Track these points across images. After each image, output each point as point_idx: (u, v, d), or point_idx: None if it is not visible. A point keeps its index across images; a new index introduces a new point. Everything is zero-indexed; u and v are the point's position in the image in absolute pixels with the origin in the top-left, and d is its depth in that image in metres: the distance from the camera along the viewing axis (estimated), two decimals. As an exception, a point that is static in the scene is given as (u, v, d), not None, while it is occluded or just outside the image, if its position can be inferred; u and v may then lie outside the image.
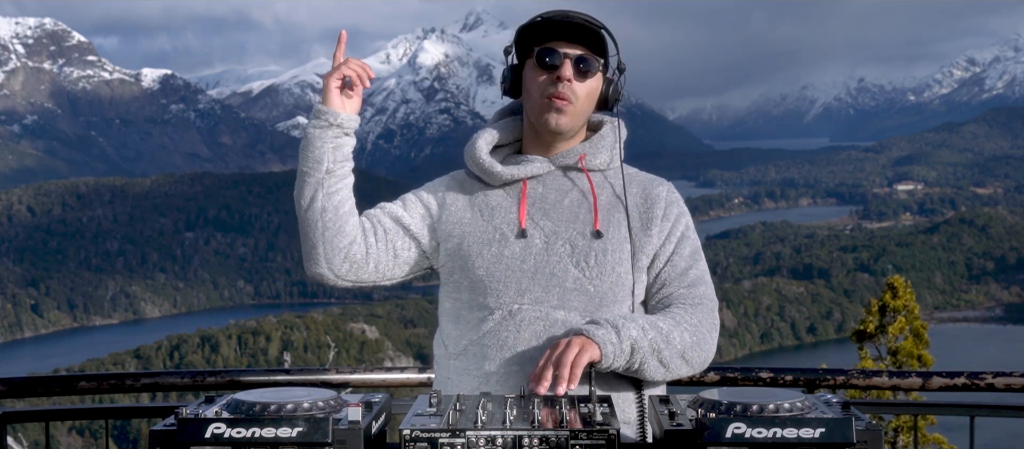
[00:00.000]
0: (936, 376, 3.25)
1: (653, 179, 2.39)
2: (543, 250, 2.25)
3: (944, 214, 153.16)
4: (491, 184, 2.35)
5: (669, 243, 2.30)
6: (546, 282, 2.22)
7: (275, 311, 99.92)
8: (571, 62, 2.25)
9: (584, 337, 2.09)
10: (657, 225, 2.30)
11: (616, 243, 2.26)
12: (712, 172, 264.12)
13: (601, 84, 2.32)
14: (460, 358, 2.27)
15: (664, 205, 2.32)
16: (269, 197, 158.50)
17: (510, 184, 2.34)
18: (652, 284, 2.31)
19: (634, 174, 2.39)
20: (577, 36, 2.26)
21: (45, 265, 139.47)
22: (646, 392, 2.25)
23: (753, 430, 1.63)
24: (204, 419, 1.66)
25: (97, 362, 70.61)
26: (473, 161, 2.34)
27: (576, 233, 2.26)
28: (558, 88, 2.25)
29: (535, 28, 2.29)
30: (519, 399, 1.92)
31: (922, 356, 15.60)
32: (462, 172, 2.43)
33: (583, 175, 2.35)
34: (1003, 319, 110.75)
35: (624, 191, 2.32)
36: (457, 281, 2.31)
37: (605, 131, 2.38)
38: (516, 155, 2.39)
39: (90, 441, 50.73)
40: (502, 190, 2.34)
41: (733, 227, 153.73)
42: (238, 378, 3.35)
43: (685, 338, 2.22)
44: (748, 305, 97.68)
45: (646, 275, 2.31)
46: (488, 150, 2.34)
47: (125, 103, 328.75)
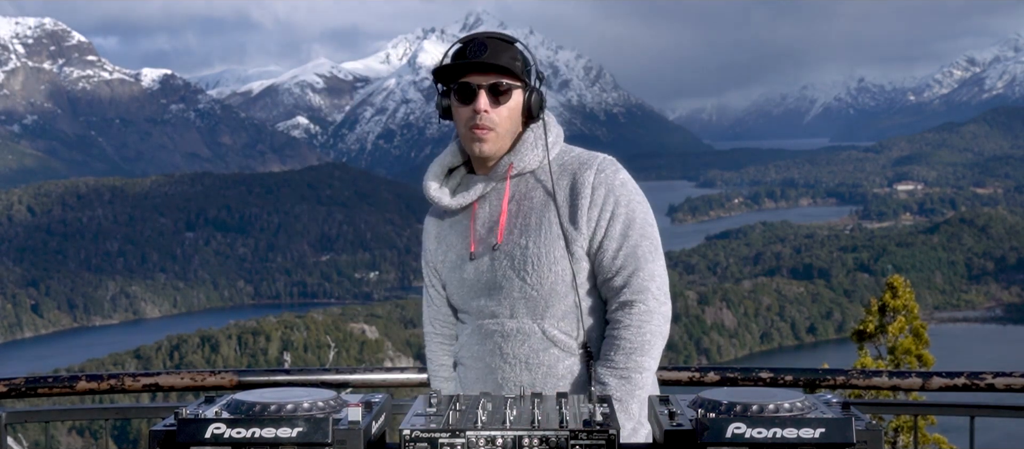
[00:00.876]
0: (936, 376, 3.25)
1: (585, 162, 2.44)
2: (490, 267, 2.42)
3: (944, 214, 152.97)
4: (449, 211, 2.53)
5: (599, 228, 2.38)
6: (497, 296, 2.41)
7: (275, 311, 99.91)
8: (486, 91, 2.37)
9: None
10: (584, 214, 2.37)
11: (549, 242, 2.38)
12: (712, 172, 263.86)
13: (522, 99, 2.41)
14: (456, 369, 2.58)
15: (589, 190, 2.38)
16: (269, 197, 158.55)
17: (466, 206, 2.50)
18: (595, 271, 2.41)
19: (568, 163, 2.46)
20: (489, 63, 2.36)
21: (45, 265, 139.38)
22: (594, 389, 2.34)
23: (753, 430, 1.63)
24: (204, 419, 1.67)
25: (97, 362, 70.57)
26: (430, 195, 2.52)
27: (512, 242, 2.40)
28: (477, 120, 2.37)
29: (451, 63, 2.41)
30: (519, 399, 1.95)
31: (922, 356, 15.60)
32: (431, 212, 2.63)
33: (518, 186, 2.46)
34: (1003, 319, 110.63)
35: (554, 188, 2.40)
36: (448, 298, 2.58)
37: (526, 136, 2.44)
38: (468, 174, 2.53)
39: (90, 441, 50.69)
40: (460, 214, 2.52)
41: (733, 227, 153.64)
42: (238, 378, 3.35)
43: (643, 378, 2.36)
44: (748, 305, 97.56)
45: (588, 262, 2.41)
46: (439, 182, 2.53)
47: (125, 103, 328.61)
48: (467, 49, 2.39)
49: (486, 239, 2.44)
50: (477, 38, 2.39)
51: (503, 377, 2.40)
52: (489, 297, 2.42)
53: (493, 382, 2.40)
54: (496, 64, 2.35)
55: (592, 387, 2.21)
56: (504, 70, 2.37)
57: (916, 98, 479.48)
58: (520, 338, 2.39)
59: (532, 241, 2.38)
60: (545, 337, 2.38)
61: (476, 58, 2.36)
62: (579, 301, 2.39)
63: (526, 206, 2.43)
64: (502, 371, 2.41)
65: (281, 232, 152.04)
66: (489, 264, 2.42)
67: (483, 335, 2.44)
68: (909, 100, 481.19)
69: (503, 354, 2.41)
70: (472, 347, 2.46)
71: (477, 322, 2.45)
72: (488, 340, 2.43)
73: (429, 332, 2.66)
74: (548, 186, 2.43)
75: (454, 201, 2.48)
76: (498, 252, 2.41)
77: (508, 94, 2.38)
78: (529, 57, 2.42)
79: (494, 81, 2.36)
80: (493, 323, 2.42)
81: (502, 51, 2.37)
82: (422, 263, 2.65)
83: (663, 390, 2.54)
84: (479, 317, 2.45)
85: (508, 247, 2.40)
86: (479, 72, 2.37)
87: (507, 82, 2.37)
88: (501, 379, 2.41)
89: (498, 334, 2.41)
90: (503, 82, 2.37)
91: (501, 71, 2.37)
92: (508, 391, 2.36)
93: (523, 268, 2.37)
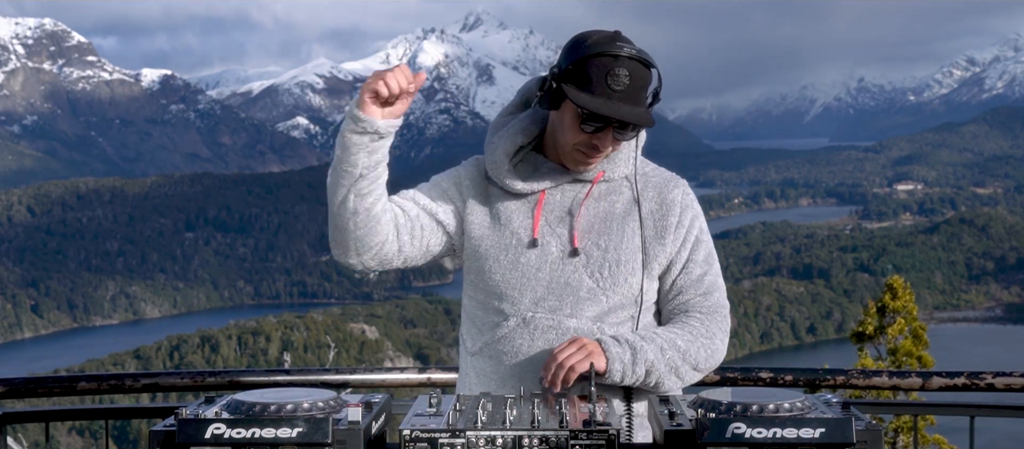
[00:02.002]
0: (936, 376, 3.25)
1: (669, 180, 2.36)
2: (558, 259, 2.26)
3: (944, 214, 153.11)
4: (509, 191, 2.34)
5: (684, 250, 2.31)
6: (561, 291, 2.25)
7: (275, 311, 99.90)
8: (614, 131, 2.20)
9: (597, 345, 2.16)
10: (672, 233, 2.29)
11: (630, 253, 2.26)
12: (712, 172, 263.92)
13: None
14: (477, 358, 2.34)
15: (679, 210, 2.31)
16: (269, 197, 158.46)
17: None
18: (668, 291, 2.33)
19: (650, 175, 2.37)
20: None
21: (45, 265, 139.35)
22: (635, 403, 2.27)
23: (753, 430, 1.63)
24: (204, 419, 1.66)
25: (97, 362, 70.62)
26: (494, 171, 2.33)
27: (590, 243, 2.27)
28: (594, 154, 2.24)
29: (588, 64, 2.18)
30: (519, 399, 1.94)
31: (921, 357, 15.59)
32: (477, 166, 2.41)
33: (599, 186, 2.34)
34: (1003, 319, 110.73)
35: (638, 199, 2.31)
36: (474, 281, 2.35)
37: (624, 144, 2.31)
38: (534, 153, 2.36)
39: (90, 441, 50.73)
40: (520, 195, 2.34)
41: (733, 227, 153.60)
42: (238, 378, 3.35)
43: (700, 352, 2.26)
44: (748, 305, 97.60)
45: (659, 282, 2.33)
46: (509, 159, 2.32)
47: (125, 103, 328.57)
48: (616, 81, 2.14)
49: (555, 229, 2.29)
50: (619, 68, 2.14)
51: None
52: (548, 291, 2.26)
53: (536, 380, 2.22)
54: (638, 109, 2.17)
55: (593, 386, 2.03)
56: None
57: (916, 98, 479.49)
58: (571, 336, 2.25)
59: (613, 245, 2.27)
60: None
61: (627, 100, 2.15)
62: (638, 315, 2.30)
63: (605, 209, 2.31)
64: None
65: (281, 232, 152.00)
66: (557, 257, 2.27)
67: (535, 329, 2.25)
68: (909, 100, 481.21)
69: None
70: (516, 341, 2.26)
71: (525, 314, 2.26)
72: (540, 336, 2.25)
73: (403, 202, 2.36)
74: (633, 195, 2.32)
75: (524, 185, 2.31)
76: (572, 248, 2.26)
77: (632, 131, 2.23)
78: (658, 84, 2.22)
79: (625, 122, 2.17)
80: (548, 319, 2.25)
81: (642, 85, 2.17)
82: (433, 182, 2.41)
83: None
84: (530, 309, 2.26)
85: (585, 245, 2.27)
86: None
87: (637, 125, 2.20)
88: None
89: (553, 330, 2.25)
90: (632, 126, 2.20)
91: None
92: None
93: (599, 271, 2.25)
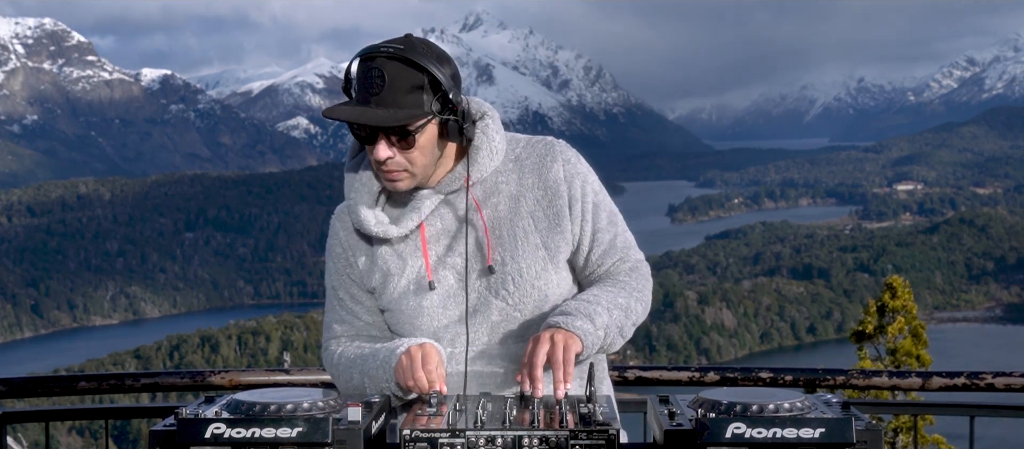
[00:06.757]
0: (936, 376, 3.25)
1: (543, 157, 2.17)
2: (459, 292, 2.12)
3: (944, 214, 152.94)
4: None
5: (586, 225, 2.16)
6: (473, 323, 2.13)
7: (275, 311, 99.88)
8: (383, 137, 2.01)
9: (564, 331, 2.01)
10: (566, 217, 2.14)
11: (530, 257, 2.12)
12: (712, 172, 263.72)
13: (436, 126, 2.04)
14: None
15: (566, 188, 2.14)
16: (269, 197, 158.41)
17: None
18: (583, 267, 2.20)
19: (522, 157, 2.17)
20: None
21: (45, 265, 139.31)
22: (589, 360, 2.16)
23: (753, 430, 1.63)
24: (204, 419, 1.66)
25: (97, 362, 70.63)
26: (364, 229, 2.14)
27: (484, 265, 2.12)
28: (385, 165, 2.04)
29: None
30: (519, 399, 1.92)
31: (921, 356, 15.60)
32: (348, 220, 2.21)
33: (474, 192, 2.14)
34: (1003, 319, 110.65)
35: (518, 191, 2.15)
36: (392, 328, 2.23)
37: (478, 143, 2.12)
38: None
39: (90, 441, 50.76)
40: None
41: (733, 227, 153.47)
42: (238, 378, 3.35)
43: (637, 306, 2.16)
44: (748, 305, 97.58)
45: (570, 264, 2.20)
46: (374, 213, 2.14)
47: (125, 103, 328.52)
48: (371, 84, 1.97)
49: (446, 261, 2.13)
50: (372, 70, 1.96)
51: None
52: (460, 325, 2.13)
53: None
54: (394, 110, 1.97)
55: (591, 387, 1.93)
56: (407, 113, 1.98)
57: (916, 98, 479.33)
58: (498, 363, 2.14)
59: (509, 256, 2.11)
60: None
61: (366, 102, 1.97)
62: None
63: (489, 217, 2.14)
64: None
65: (281, 232, 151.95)
66: (458, 289, 2.12)
67: (462, 363, 2.14)
68: (909, 100, 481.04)
69: (488, 377, 2.15)
70: (455, 379, 2.15)
71: (447, 351, 2.14)
72: (473, 370, 2.14)
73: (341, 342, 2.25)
74: (513, 189, 2.15)
75: (400, 229, 2.13)
76: (469, 274, 2.12)
77: (415, 134, 2.01)
78: (441, 77, 1.99)
79: (394, 126, 1.98)
80: (472, 350, 2.13)
81: (402, 85, 1.96)
82: (331, 273, 2.25)
83: (663, 390, 2.54)
84: (449, 346, 2.14)
85: (481, 268, 2.12)
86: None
87: (413, 125, 2.00)
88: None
89: (478, 360, 2.14)
90: (405, 128, 1.99)
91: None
92: None
93: (503, 288, 2.11)
